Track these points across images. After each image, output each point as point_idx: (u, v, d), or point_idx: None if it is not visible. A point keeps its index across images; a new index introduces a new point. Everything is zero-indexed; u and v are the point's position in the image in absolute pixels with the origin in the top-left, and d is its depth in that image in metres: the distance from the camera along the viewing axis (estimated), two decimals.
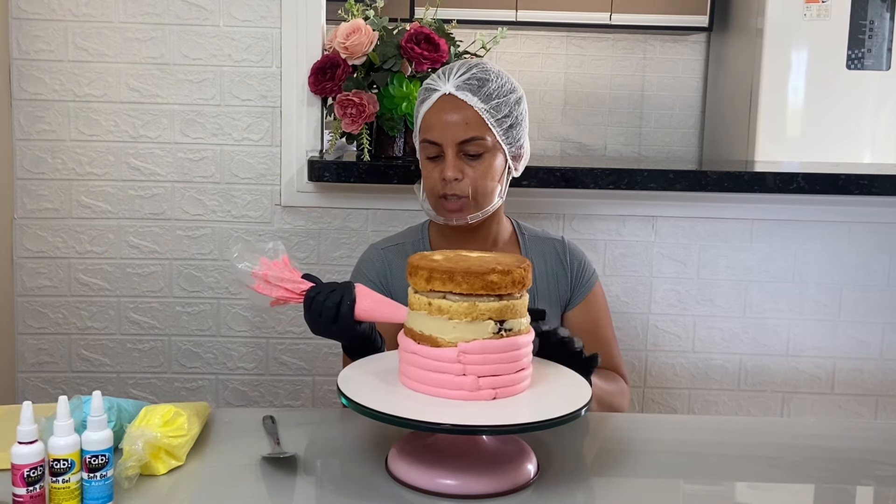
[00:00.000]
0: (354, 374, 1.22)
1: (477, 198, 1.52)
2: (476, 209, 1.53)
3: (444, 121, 1.49)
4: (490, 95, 1.50)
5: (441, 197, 1.52)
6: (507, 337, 1.13)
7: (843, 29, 3.34)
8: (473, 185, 1.51)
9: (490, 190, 1.53)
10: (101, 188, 2.03)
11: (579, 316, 1.62)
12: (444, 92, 1.50)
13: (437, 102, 1.51)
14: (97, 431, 1.05)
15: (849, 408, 2.13)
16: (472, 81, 1.50)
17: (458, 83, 1.50)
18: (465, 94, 1.49)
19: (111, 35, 1.99)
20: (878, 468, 1.30)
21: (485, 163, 1.51)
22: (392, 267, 1.60)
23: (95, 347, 2.08)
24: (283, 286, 1.31)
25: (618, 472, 1.26)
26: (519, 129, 1.55)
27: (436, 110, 1.51)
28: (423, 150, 1.54)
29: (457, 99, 1.50)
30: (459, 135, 1.49)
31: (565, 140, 4.21)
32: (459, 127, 1.49)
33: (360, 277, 1.59)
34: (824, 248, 2.07)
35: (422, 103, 1.54)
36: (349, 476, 1.21)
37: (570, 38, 4.17)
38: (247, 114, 2.02)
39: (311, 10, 1.99)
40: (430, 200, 1.56)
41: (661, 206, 2.05)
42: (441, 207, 1.54)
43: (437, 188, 1.52)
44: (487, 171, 1.51)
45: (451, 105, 1.50)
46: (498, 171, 1.54)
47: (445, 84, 1.51)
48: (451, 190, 1.50)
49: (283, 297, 1.32)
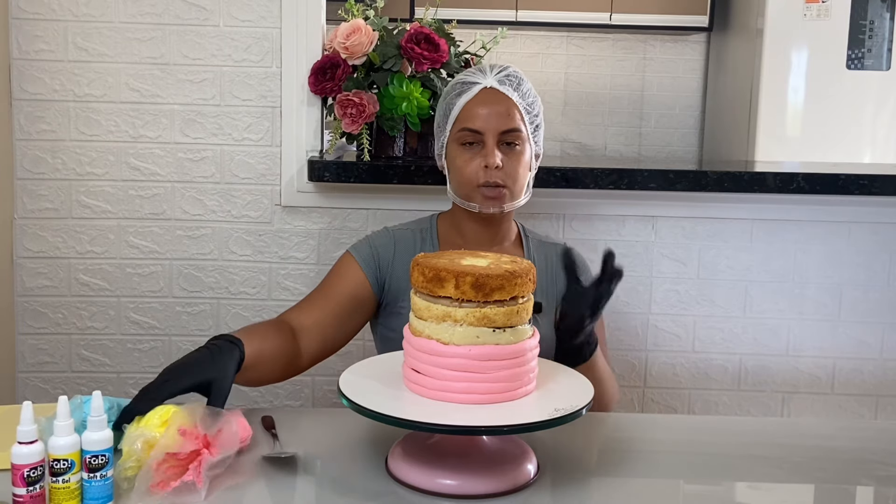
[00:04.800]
0: (355, 375, 1.22)
1: (512, 187, 1.57)
2: (512, 199, 1.58)
3: (487, 111, 1.56)
4: (525, 94, 1.60)
5: (481, 185, 1.56)
6: (514, 344, 1.13)
7: (843, 29, 3.34)
8: (511, 174, 1.57)
9: (524, 181, 1.60)
10: (101, 188, 2.03)
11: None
12: (487, 85, 1.58)
13: (480, 94, 1.58)
14: (97, 431, 1.05)
15: (849, 408, 2.13)
16: (512, 78, 1.59)
17: (501, 78, 1.59)
18: (507, 88, 1.58)
19: (111, 35, 1.99)
20: (878, 468, 1.30)
21: (520, 154, 1.58)
22: (398, 246, 1.62)
23: (95, 347, 2.08)
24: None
25: (618, 472, 1.26)
26: (541, 132, 1.64)
27: (478, 101, 1.57)
28: (460, 138, 1.58)
29: (499, 92, 1.58)
30: (503, 124, 1.56)
31: (565, 140, 4.21)
32: (503, 117, 1.56)
33: (363, 244, 1.63)
34: (824, 248, 2.07)
35: (459, 95, 1.59)
36: (349, 476, 1.21)
37: (570, 38, 4.17)
38: (247, 114, 2.02)
39: (311, 10, 1.99)
40: (465, 189, 1.59)
41: (661, 206, 2.05)
42: (479, 195, 1.57)
43: (476, 176, 1.56)
44: (522, 161, 1.59)
45: (494, 97, 1.57)
46: (529, 163, 1.61)
47: (486, 78, 1.59)
48: (493, 177, 1.55)
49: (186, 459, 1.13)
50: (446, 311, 1.11)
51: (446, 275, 1.11)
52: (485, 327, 1.11)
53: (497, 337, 1.12)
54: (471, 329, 1.11)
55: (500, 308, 1.12)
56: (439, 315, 1.12)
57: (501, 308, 1.12)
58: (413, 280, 1.16)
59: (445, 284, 1.11)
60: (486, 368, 1.12)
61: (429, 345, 1.13)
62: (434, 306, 1.12)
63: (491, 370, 1.12)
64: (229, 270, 2.06)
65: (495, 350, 1.12)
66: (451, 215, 1.66)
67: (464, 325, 1.11)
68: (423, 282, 1.13)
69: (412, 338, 1.16)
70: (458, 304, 1.11)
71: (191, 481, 1.10)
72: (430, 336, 1.13)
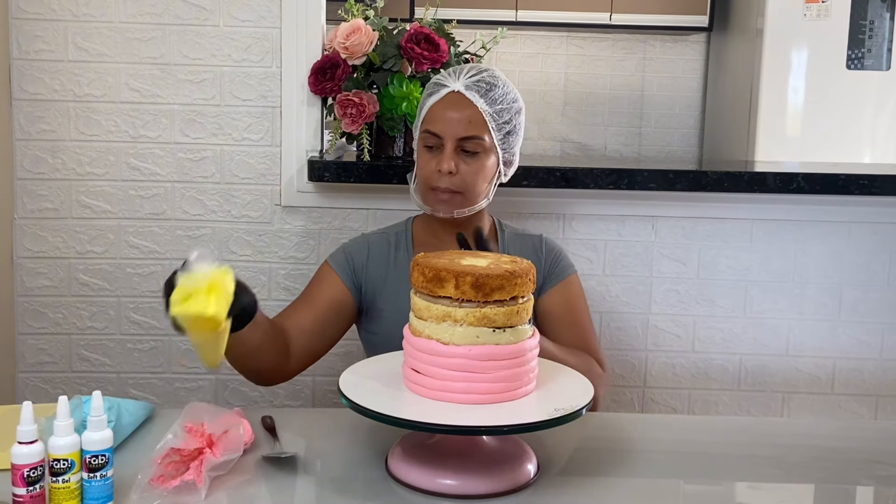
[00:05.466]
0: (355, 375, 1.22)
1: (466, 194, 1.57)
2: (463, 205, 1.58)
3: (448, 115, 1.56)
4: (495, 100, 1.57)
5: (433, 188, 1.57)
6: (514, 344, 1.13)
7: (843, 29, 3.34)
8: (465, 181, 1.56)
9: (480, 189, 1.59)
10: (101, 188, 2.03)
11: (552, 299, 1.64)
12: (454, 89, 1.57)
13: (445, 97, 1.57)
14: (97, 431, 1.05)
15: (849, 408, 2.13)
16: (480, 84, 1.57)
17: (468, 83, 1.57)
18: (473, 94, 1.56)
19: (111, 35, 1.99)
20: (878, 468, 1.30)
21: (479, 162, 1.57)
22: (372, 250, 1.65)
23: (95, 347, 2.08)
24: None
25: (618, 472, 1.26)
26: (515, 138, 1.62)
27: (442, 105, 1.57)
28: (423, 140, 1.59)
29: (464, 97, 1.56)
30: (461, 131, 1.55)
31: (565, 140, 4.21)
32: (462, 124, 1.55)
33: (338, 251, 1.66)
34: (824, 248, 2.07)
35: (429, 96, 1.60)
36: (349, 476, 1.21)
37: (570, 38, 4.17)
38: (247, 114, 2.02)
39: (311, 10, 1.99)
40: (421, 190, 1.61)
41: (661, 206, 2.05)
42: (431, 198, 1.59)
43: (430, 178, 1.57)
44: (480, 171, 1.57)
45: (457, 102, 1.56)
46: (489, 172, 1.60)
47: (455, 82, 1.57)
48: (444, 182, 1.56)
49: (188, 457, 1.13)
50: (446, 311, 1.11)
51: (446, 275, 1.11)
52: (485, 327, 1.11)
53: (497, 337, 1.12)
54: (471, 329, 1.11)
55: (500, 308, 1.12)
56: (439, 315, 1.12)
57: (501, 308, 1.12)
58: (413, 280, 1.16)
59: (445, 284, 1.11)
60: (486, 368, 1.12)
61: (429, 345, 1.13)
62: (434, 306, 1.13)
63: (491, 370, 1.12)
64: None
65: (495, 350, 1.12)
66: (425, 216, 1.68)
67: (464, 325, 1.11)
68: (423, 282, 1.13)
69: (412, 338, 1.16)
70: (458, 304, 1.11)
71: (191, 480, 1.10)
72: (430, 336, 1.13)
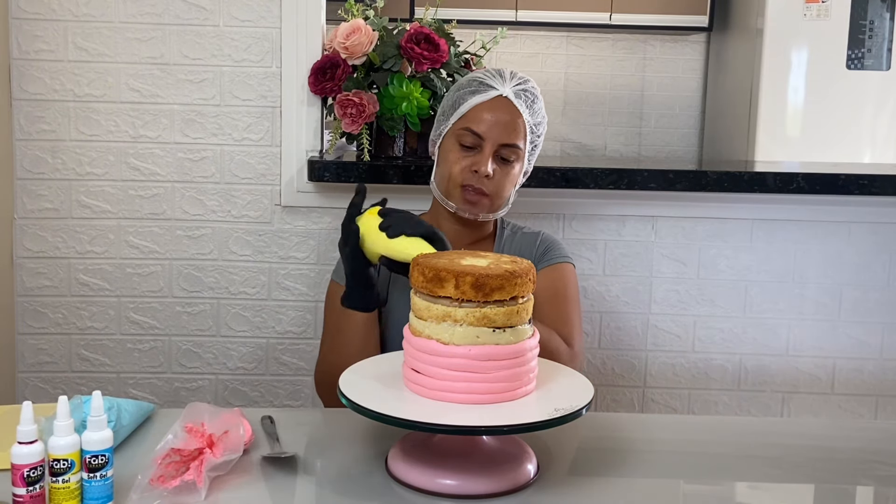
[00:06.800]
0: (355, 375, 1.22)
1: (494, 199, 1.58)
2: (490, 209, 1.59)
3: (496, 118, 1.55)
4: (536, 112, 1.59)
5: (464, 186, 1.56)
6: (514, 344, 1.13)
7: (843, 29, 3.34)
8: (497, 186, 1.57)
9: (506, 195, 1.60)
10: (101, 188, 2.03)
11: (540, 279, 1.61)
12: (502, 93, 1.57)
13: (494, 100, 1.57)
14: (97, 431, 1.05)
15: (849, 408, 2.13)
16: (528, 94, 1.59)
17: (517, 91, 1.58)
18: (521, 102, 1.57)
19: (111, 35, 1.99)
20: (878, 468, 1.30)
21: (512, 169, 1.59)
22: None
23: (95, 347, 2.08)
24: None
25: (618, 472, 1.26)
26: (537, 153, 1.65)
27: (490, 106, 1.56)
28: (459, 136, 1.58)
29: (512, 104, 1.57)
30: (504, 137, 1.55)
31: (565, 140, 4.21)
32: (507, 130, 1.55)
33: (338, 265, 1.64)
34: (824, 248, 2.07)
35: (473, 94, 1.58)
36: (349, 476, 1.21)
37: (570, 38, 4.17)
38: (247, 114, 2.02)
39: (311, 10, 1.99)
40: (447, 186, 1.59)
41: (661, 206, 2.05)
42: (459, 196, 1.58)
43: (462, 176, 1.56)
44: (511, 177, 1.59)
45: (506, 107, 1.57)
46: (516, 180, 1.61)
47: (504, 86, 1.57)
48: (479, 183, 1.55)
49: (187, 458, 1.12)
50: (446, 311, 1.11)
51: (446, 275, 1.11)
52: (485, 327, 1.11)
53: (497, 337, 1.12)
54: (471, 329, 1.11)
55: (500, 308, 1.11)
56: (439, 315, 1.12)
57: (501, 308, 1.12)
58: (413, 280, 1.16)
59: (445, 284, 1.11)
60: (486, 368, 1.12)
61: (429, 345, 1.13)
62: (434, 306, 1.12)
63: (491, 370, 1.12)
64: (229, 270, 2.06)
65: (495, 350, 1.12)
66: (431, 216, 1.66)
67: (464, 325, 1.11)
68: (423, 282, 1.13)
69: (412, 338, 1.16)
70: (458, 304, 1.11)
71: (191, 480, 1.10)
72: (429, 336, 1.13)
